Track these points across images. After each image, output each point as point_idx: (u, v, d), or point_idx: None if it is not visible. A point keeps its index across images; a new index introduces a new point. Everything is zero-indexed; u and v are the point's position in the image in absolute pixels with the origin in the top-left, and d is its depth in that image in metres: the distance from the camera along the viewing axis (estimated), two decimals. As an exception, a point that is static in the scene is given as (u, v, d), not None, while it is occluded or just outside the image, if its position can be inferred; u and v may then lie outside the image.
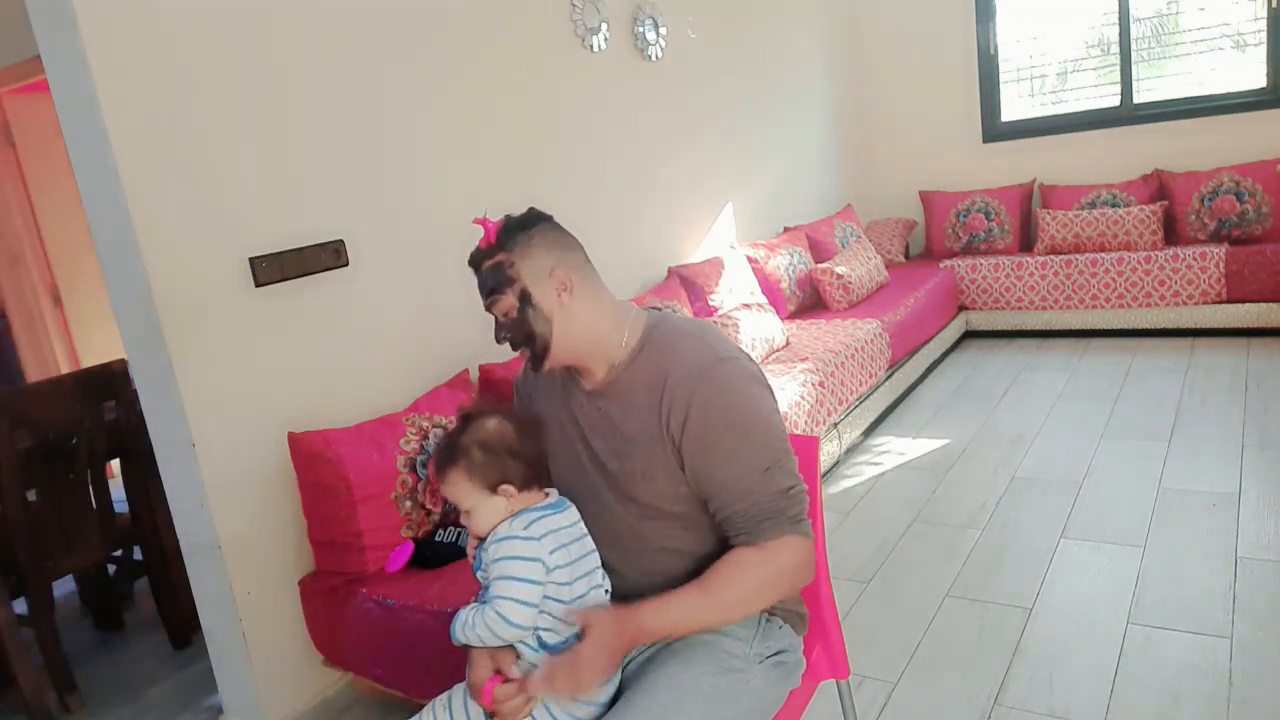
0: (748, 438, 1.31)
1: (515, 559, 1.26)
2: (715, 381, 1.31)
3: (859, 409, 3.77)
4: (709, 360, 1.33)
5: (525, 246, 1.33)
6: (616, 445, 1.38)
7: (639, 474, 1.36)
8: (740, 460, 1.31)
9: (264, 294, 2.28)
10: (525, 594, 1.25)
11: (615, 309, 1.41)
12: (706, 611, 1.30)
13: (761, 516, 1.31)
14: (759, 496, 1.31)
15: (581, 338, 1.37)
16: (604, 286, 1.42)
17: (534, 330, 1.34)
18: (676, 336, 1.38)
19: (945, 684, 2.17)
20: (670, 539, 1.39)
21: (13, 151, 4.46)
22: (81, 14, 1.92)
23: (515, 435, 1.32)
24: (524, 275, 1.33)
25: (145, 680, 2.79)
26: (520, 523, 1.29)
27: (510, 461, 1.30)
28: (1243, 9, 4.76)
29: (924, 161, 5.69)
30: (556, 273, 1.33)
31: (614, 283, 4.10)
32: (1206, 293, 4.46)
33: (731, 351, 1.36)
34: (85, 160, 2.05)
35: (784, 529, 1.31)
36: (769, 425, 1.34)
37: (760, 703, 1.38)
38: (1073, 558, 2.65)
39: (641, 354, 1.38)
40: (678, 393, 1.31)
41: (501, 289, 1.34)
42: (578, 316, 1.35)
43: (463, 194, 2.87)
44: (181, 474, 2.19)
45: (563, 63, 3.35)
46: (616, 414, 1.38)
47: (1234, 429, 3.36)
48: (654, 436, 1.34)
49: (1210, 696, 1.98)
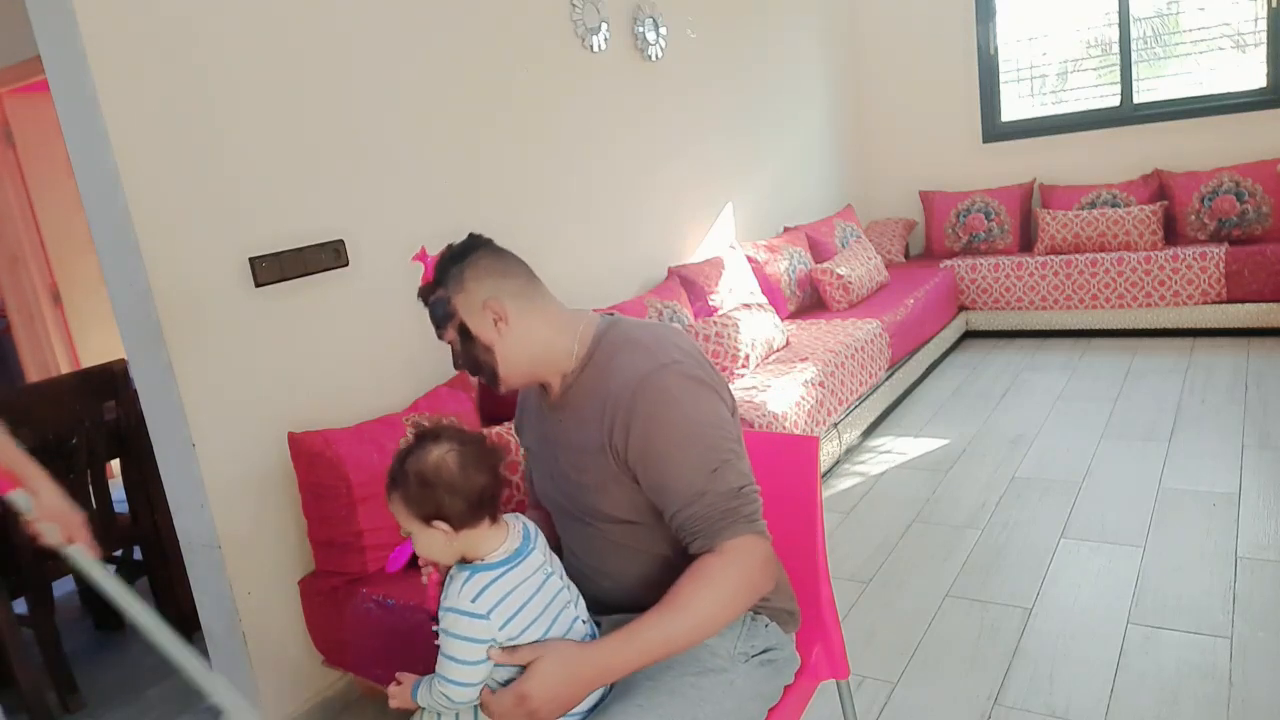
0: (692, 442, 1.29)
1: (458, 639, 1.21)
2: (653, 390, 1.29)
3: (859, 409, 3.77)
4: (648, 369, 1.30)
5: (459, 281, 1.34)
6: (573, 457, 1.38)
7: (593, 486, 1.36)
8: (688, 465, 1.28)
9: (264, 294, 2.28)
10: (466, 676, 1.22)
11: (562, 321, 1.39)
12: (680, 632, 1.24)
13: (715, 517, 1.28)
14: (710, 497, 1.28)
15: (527, 358, 1.37)
16: (550, 301, 1.41)
17: (479, 359, 1.37)
18: (620, 345, 1.36)
19: (945, 684, 2.17)
20: (627, 538, 1.40)
21: (13, 151, 4.46)
22: (81, 14, 1.92)
23: (458, 470, 1.23)
24: (460, 310, 1.34)
25: (145, 680, 2.78)
26: (471, 588, 1.22)
27: (447, 498, 1.22)
28: (1243, 9, 4.76)
29: (924, 161, 5.69)
30: (490, 304, 1.33)
31: (614, 283, 4.08)
32: (1206, 293, 4.46)
33: (672, 355, 1.33)
34: (85, 160, 2.05)
35: (739, 529, 1.28)
36: (713, 426, 1.31)
37: (745, 702, 1.37)
38: (1073, 558, 2.65)
39: (590, 364, 1.37)
40: (619, 405, 1.30)
41: (443, 324, 1.36)
42: (519, 340, 1.35)
43: (463, 194, 2.87)
44: (181, 474, 2.19)
45: (563, 63, 3.35)
46: (571, 426, 1.38)
47: (1234, 429, 3.36)
48: (601, 449, 1.33)
49: (1210, 696, 1.98)
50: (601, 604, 1.45)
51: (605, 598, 1.44)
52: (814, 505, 1.59)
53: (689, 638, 1.26)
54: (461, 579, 1.24)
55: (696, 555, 1.29)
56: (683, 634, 1.25)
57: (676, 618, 1.24)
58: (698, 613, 1.24)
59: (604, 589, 1.44)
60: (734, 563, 1.27)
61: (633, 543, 1.40)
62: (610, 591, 1.44)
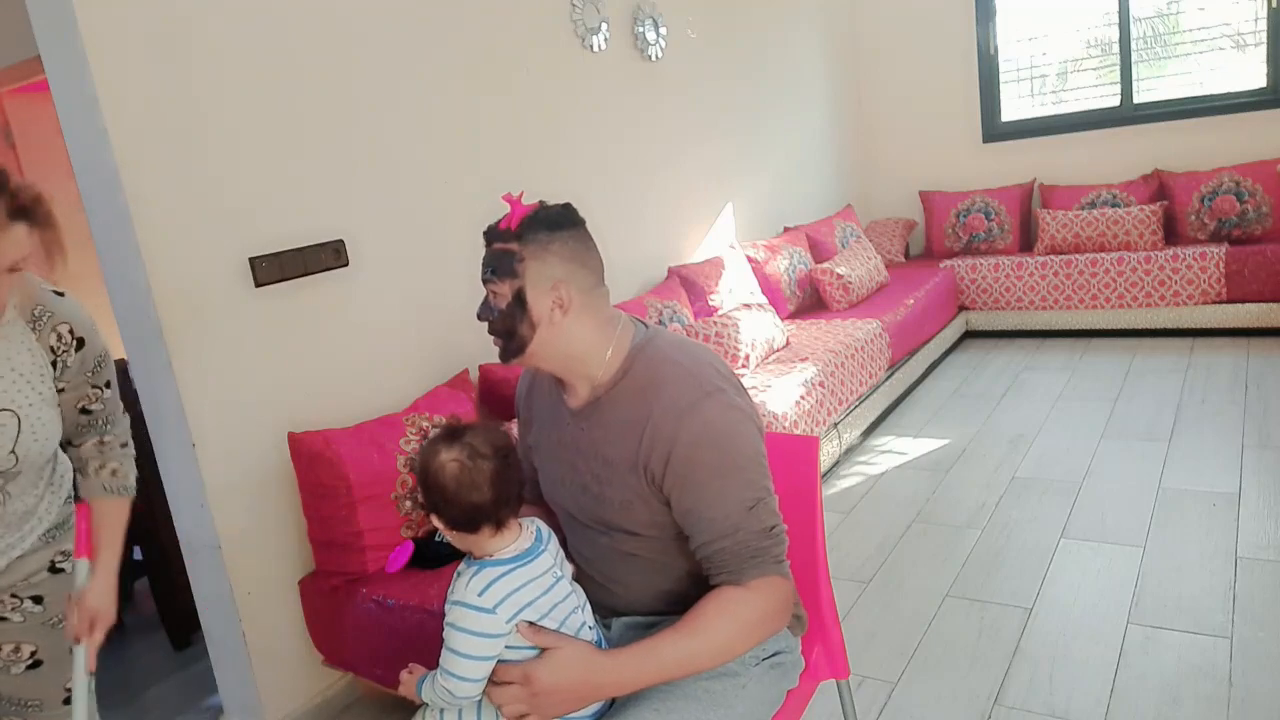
0: (734, 476, 1.27)
1: (464, 633, 1.20)
2: (700, 419, 1.26)
3: (859, 409, 3.77)
4: (695, 395, 1.27)
5: (541, 248, 1.27)
6: (596, 469, 1.34)
7: (617, 501, 1.34)
8: (727, 498, 1.26)
9: (264, 294, 2.28)
10: (470, 671, 1.21)
11: (605, 326, 1.34)
12: (698, 656, 1.25)
13: (746, 555, 1.27)
14: (744, 534, 1.27)
15: (563, 353, 1.32)
16: (606, 306, 1.36)
17: (516, 330, 1.30)
18: (662, 364, 1.32)
19: (945, 684, 2.17)
20: (640, 548, 1.38)
21: (13, 151, 4.45)
22: (81, 14, 1.92)
23: (452, 482, 1.21)
24: (527, 276, 1.27)
25: (145, 680, 2.79)
26: (479, 582, 1.21)
27: (441, 503, 1.22)
28: (1243, 9, 4.76)
29: (924, 161, 5.69)
30: (560, 287, 1.28)
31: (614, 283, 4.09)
32: (1206, 293, 4.46)
33: (717, 383, 1.30)
34: (85, 160, 2.05)
35: (768, 569, 1.27)
36: (753, 463, 1.29)
37: (755, 705, 1.37)
38: (1073, 558, 2.65)
39: (625, 378, 1.33)
40: (660, 430, 1.27)
41: (501, 277, 1.28)
42: (566, 333, 1.30)
43: (463, 194, 2.87)
44: (181, 474, 2.19)
45: (563, 63, 3.35)
46: (598, 437, 1.34)
47: (1234, 429, 3.36)
48: (633, 468, 1.30)
49: (1210, 696, 1.98)
50: (608, 607, 1.45)
51: (612, 602, 1.44)
52: (814, 505, 1.59)
53: (705, 663, 1.27)
54: (470, 573, 1.23)
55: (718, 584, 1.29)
56: (700, 659, 1.26)
57: (695, 641, 1.24)
58: (716, 640, 1.25)
59: (613, 594, 1.44)
60: (757, 601, 1.27)
61: (645, 553, 1.39)
62: (619, 596, 1.44)
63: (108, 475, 1.56)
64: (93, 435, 1.55)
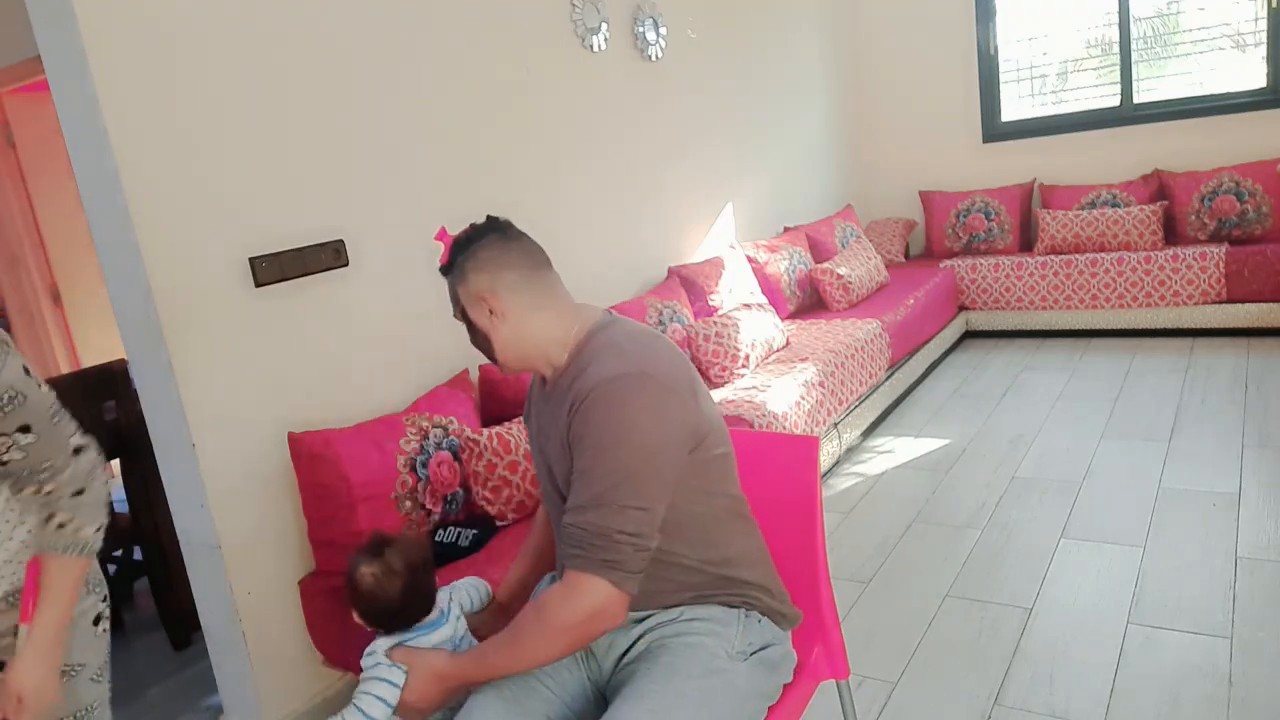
0: (610, 453, 1.26)
1: (375, 680, 1.39)
2: (607, 394, 1.27)
3: (859, 409, 3.77)
4: (616, 372, 1.28)
5: (461, 271, 1.40)
6: (549, 448, 1.42)
7: (561, 478, 1.38)
8: (597, 471, 1.26)
9: (264, 294, 2.28)
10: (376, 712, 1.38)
11: (562, 315, 1.41)
12: (514, 663, 1.34)
13: (574, 543, 1.27)
14: (585, 520, 1.26)
15: (524, 351, 1.41)
16: (550, 293, 1.42)
17: (480, 343, 1.45)
18: (607, 346, 1.35)
19: (945, 684, 2.17)
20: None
21: (13, 151, 4.45)
22: (81, 14, 1.92)
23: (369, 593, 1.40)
24: (462, 299, 1.42)
25: (145, 680, 2.79)
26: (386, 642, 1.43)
27: (360, 606, 1.42)
28: (1243, 9, 4.76)
29: (924, 161, 5.69)
30: (485, 297, 1.39)
31: (614, 283, 4.08)
32: (1206, 293, 4.46)
33: (646, 368, 1.29)
34: (85, 160, 2.05)
35: (590, 568, 1.25)
36: (639, 455, 1.26)
37: (746, 700, 1.39)
38: (1073, 558, 2.65)
39: (575, 360, 1.38)
40: (577, 401, 1.30)
41: (453, 306, 1.45)
42: (514, 331, 1.40)
43: (463, 194, 2.87)
44: (181, 474, 2.19)
45: (563, 63, 3.35)
46: (549, 419, 1.41)
47: (1234, 429, 3.36)
48: (564, 443, 1.34)
49: (1210, 696, 1.98)
50: None
51: None
52: (814, 505, 1.59)
53: (523, 666, 1.35)
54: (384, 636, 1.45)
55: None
56: (517, 664, 1.34)
57: (510, 651, 1.33)
58: (524, 646, 1.32)
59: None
60: (567, 602, 1.28)
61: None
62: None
63: (53, 529, 1.37)
64: (29, 484, 1.33)
